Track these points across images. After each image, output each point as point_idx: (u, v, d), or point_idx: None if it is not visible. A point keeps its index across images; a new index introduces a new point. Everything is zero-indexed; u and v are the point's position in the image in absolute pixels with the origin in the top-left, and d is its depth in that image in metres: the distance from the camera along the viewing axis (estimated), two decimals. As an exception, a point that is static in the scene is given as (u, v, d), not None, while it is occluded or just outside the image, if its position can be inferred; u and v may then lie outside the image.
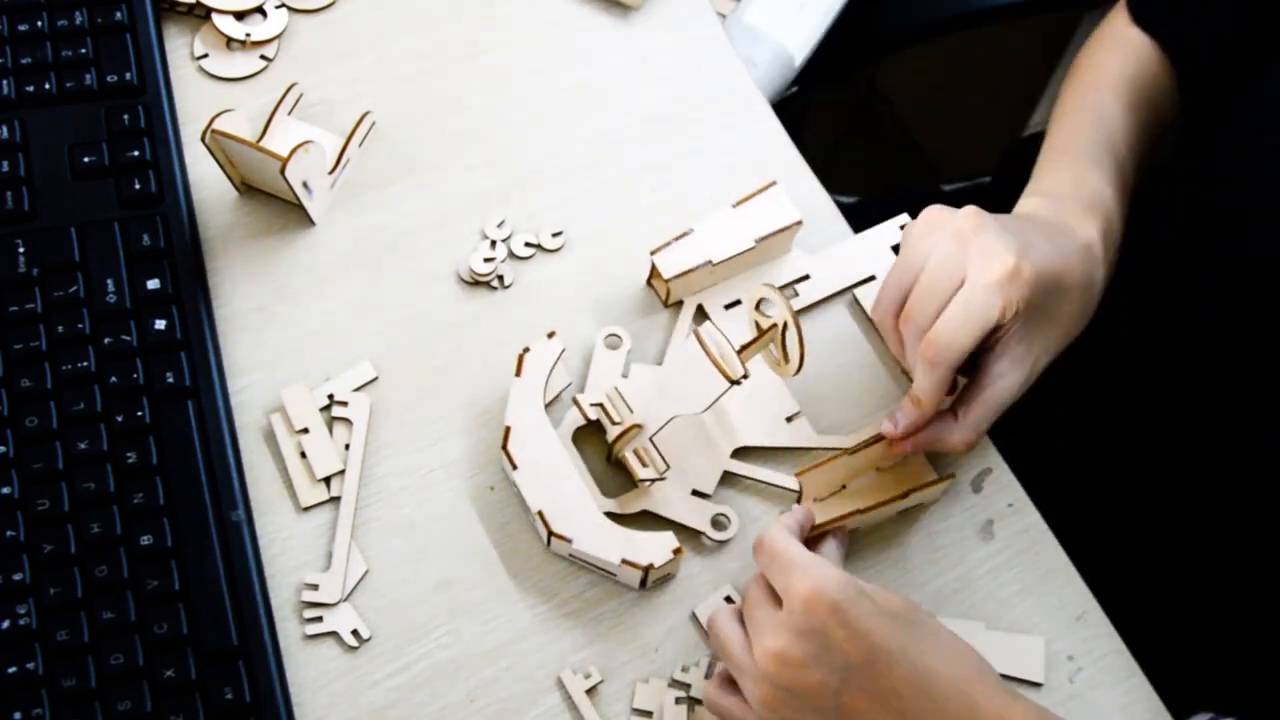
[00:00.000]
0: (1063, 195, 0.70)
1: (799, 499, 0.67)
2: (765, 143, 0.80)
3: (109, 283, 0.69)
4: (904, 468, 0.68)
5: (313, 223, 0.75)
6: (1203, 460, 0.74)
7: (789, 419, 0.70)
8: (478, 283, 0.74)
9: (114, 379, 0.67)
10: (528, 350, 0.68)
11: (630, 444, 0.67)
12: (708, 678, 0.64)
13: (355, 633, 0.64)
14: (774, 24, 0.86)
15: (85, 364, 0.67)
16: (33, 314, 0.68)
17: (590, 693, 0.63)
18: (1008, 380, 0.65)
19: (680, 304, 0.74)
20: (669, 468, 0.66)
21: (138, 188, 0.72)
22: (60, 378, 0.66)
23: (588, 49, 0.82)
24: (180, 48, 0.80)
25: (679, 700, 0.63)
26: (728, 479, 0.69)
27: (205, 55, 0.80)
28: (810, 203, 0.77)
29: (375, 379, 0.71)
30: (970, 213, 0.64)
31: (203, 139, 0.71)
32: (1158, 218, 0.79)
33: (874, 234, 0.76)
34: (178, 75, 0.78)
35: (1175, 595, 0.76)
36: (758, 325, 0.68)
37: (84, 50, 0.76)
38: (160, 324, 0.69)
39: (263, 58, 0.80)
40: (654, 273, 0.72)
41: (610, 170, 0.78)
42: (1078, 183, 0.71)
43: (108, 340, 0.68)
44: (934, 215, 0.65)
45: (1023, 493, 0.70)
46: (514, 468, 0.65)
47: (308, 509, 0.67)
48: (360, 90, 0.79)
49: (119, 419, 0.66)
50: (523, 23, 0.83)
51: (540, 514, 0.64)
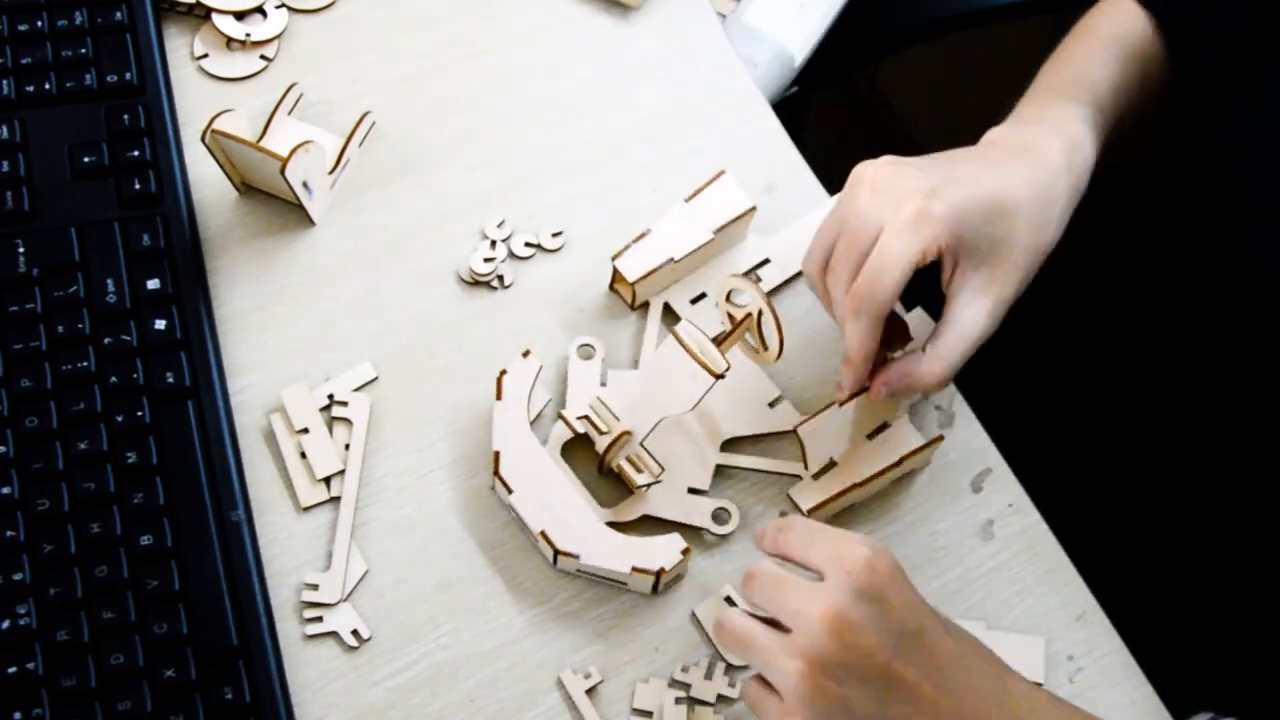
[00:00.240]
0: (1025, 121, 0.70)
1: (803, 456, 0.67)
2: (765, 143, 0.80)
3: (109, 283, 0.69)
4: (893, 436, 0.68)
5: (313, 223, 0.75)
6: (1203, 460, 0.74)
7: (771, 404, 0.70)
8: (478, 283, 0.74)
9: (114, 379, 0.67)
10: (505, 372, 0.68)
11: (622, 452, 0.66)
12: (708, 678, 0.64)
13: (355, 633, 0.64)
14: (774, 24, 0.86)
15: (85, 364, 0.67)
16: (33, 314, 0.68)
17: (590, 693, 0.63)
18: (972, 309, 0.64)
19: (646, 305, 0.73)
20: (664, 470, 0.66)
21: (138, 188, 0.72)
22: (60, 378, 0.66)
23: (588, 49, 0.82)
24: (180, 48, 0.80)
25: (679, 700, 0.63)
26: (720, 473, 0.69)
27: (205, 55, 0.80)
28: (810, 203, 0.77)
29: (375, 379, 0.71)
30: (885, 161, 0.63)
31: (203, 139, 0.71)
32: (1158, 217, 0.79)
33: (826, 209, 0.75)
34: (178, 75, 0.78)
35: (1175, 595, 0.76)
36: (731, 316, 0.68)
37: (84, 50, 0.76)
38: (160, 324, 0.69)
39: (263, 58, 0.80)
40: (617, 277, 0.72)
41: (610, 170, 0.78)
42: (1044, 113, 0.70)
43: (108, 340, 0.68)
44: (858, 170, 0.64)
45: (1023, 493, 0.70)
46: (509, 492, 0.65)
47: (308, 509, 0.67)
48: (360, 90, 0.79)
49: (119, 419, 0.66)
50: (523, 23, 0.83)
51: (544, 534, 0.64)
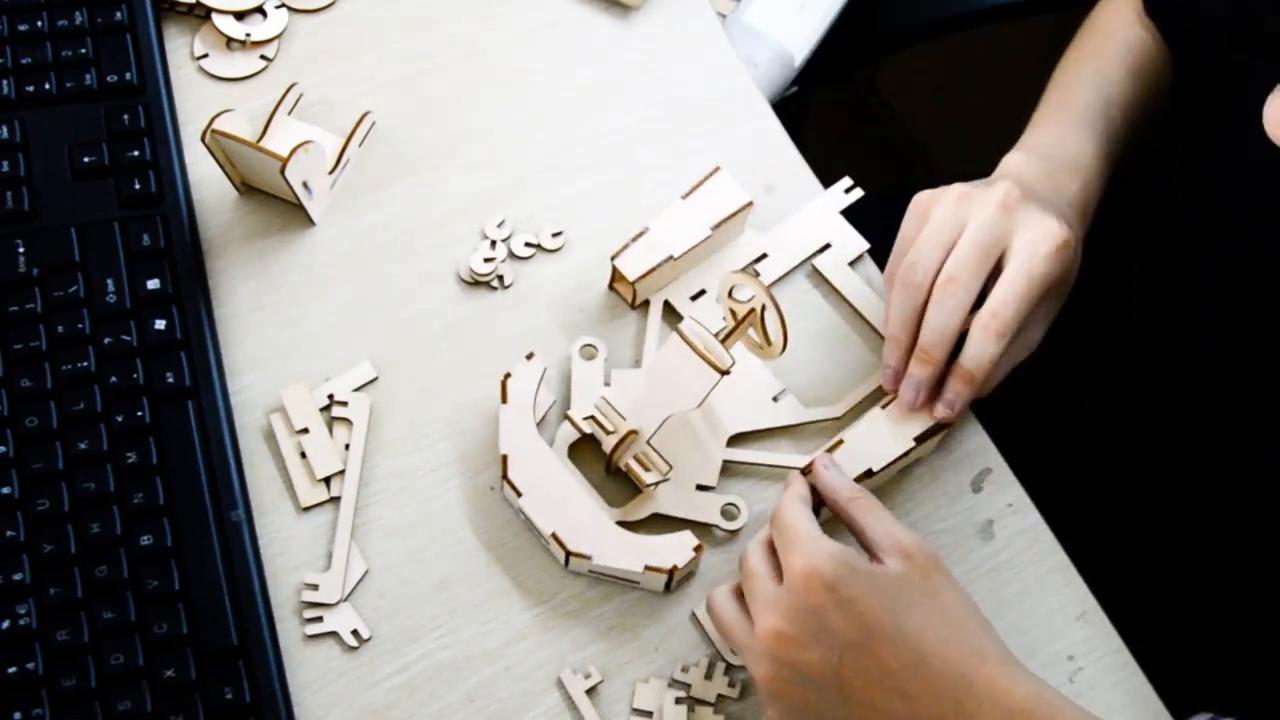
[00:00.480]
0: (1048, 155, 0.71)
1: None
2: (765, 143, 0.80)
3: (109, 283, 0.69)
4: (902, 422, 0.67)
5: (313, 223, 0.75)
6: (1202, 460, 0.74)
7: (775, 398, 0.71)
8: (478, 283, 0.74)
9: (114, 379, 0.67)
10: (509, 375, 0.68)
11: (629, 451, 0.66)
12: (708, 678, 0.64)
13: (355, 633, 0.64)
14: (774, 24, 0.86)
15: (85, 364, 0.67)
16: (33, 314, 0.68)
17: (590, 693, 0.63)
18: (1034, 333, 0.67)
19: (646, 304, 0.73)
20: (671, 468, 0.66)
21: (138, 188, 0.72)
22: (60, 378, 0.66)
23: (588, 49, 0.82)
24: (180, 48, 0.80)
25: (679, 700, 0.63)
26: (727, 469, 0.69)
27: (205, 55, 0.80)
28: (809, 202, 0.77)
29: (375, 379, 0.71)
30: (1011, 184, 0.66)
31: (203, 139, 0.71)
32: (1159, 218, 0.79)
33: (821, 202, 0.76)
34: (178, 75, 0.78)
35: (1175, 595, 0.76)
36: (733, 312, 0.68)
37: (84, 50, 0.76)
38: (160, 324, 0.69)
39: (263, 58, 0.80)
40: (616, 276, 0.72)
41: (610, 170, 0.78)
42: (1063, 144, 0.72)
43: (108, 340, 0.68)
44: (964, 188, 0.67)
45: (1023, 493, 0.70)
46: (519, 495, 0.65)
47: (308, 509, 0.67)
48: (360, 90, 0.79)
49: (119, 419, 0.66)
50: (523, 23, 0.83)
51: (554, 536, 0.64)
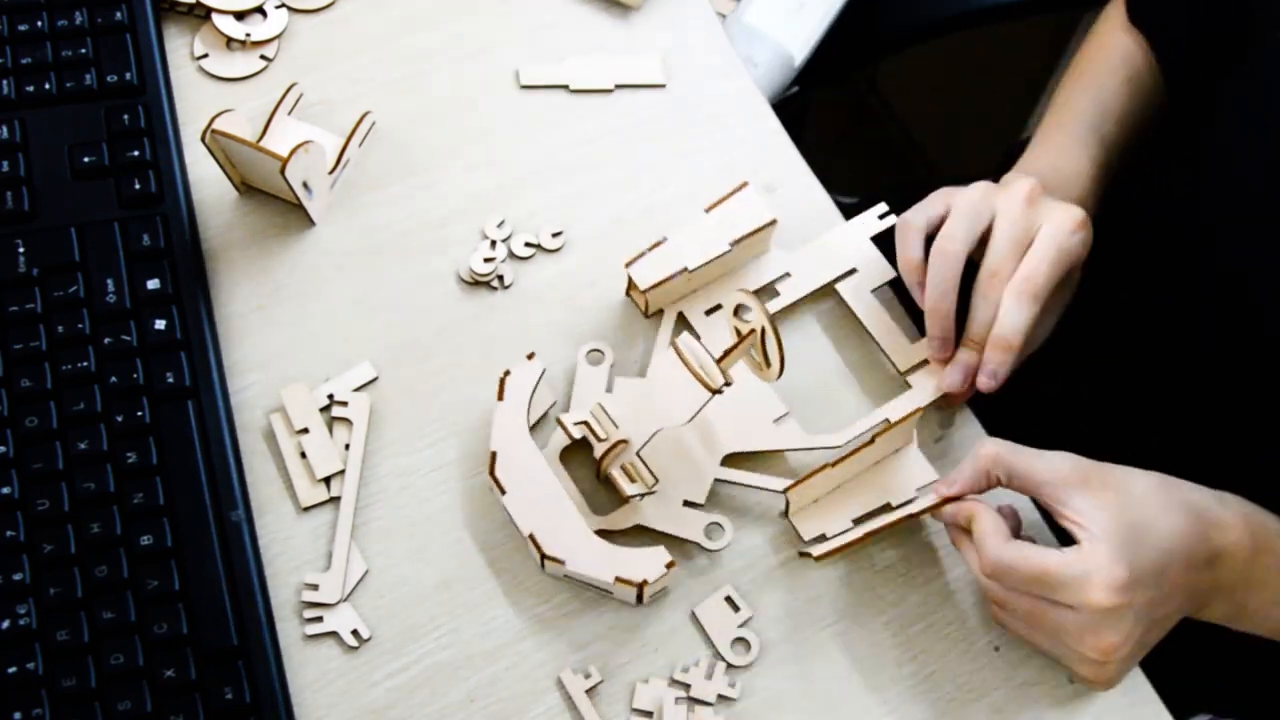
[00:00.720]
0: (1043, 174, 0.73)
1: (785, 511, 0.67)
2: (765, 143, 0.80)
3: (109, 283, 0.69)
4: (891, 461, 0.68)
5: (313, 223, 0.75)
6: (1201, 460, 0.74)
7: (776, 421, 0.70)
8: (478, 283, 0.74)
9: (114, 379, 0.67)
10: (508, 373, 0.68)
11: (617, 460, 0.66)
12: (708, 678, 0.63)
13: (355, 633, 0.64)
14: (774, 24, 0.86)
15: (85, 364, 0.67)
16: (33, 314, 0.68)
17: (590, 693, 0.63)
18: (1043, 328, 0.68)
19: (661, 313, 0.73)
20: (657, 481, 0.66)
21: (138, 188, 0.72)
22: (60, 378, 0.66)
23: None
24: (180, 48, 0.80)
25: (679, 700, 0.63)
26: (720, 488, 0.68)
27: (205, 55, 0.80)
28: (810, 203, 0.77)
29: (375, 379, 0.71)
30: (1033, 180, 0.68)
31: (203, 139, 0.71)
32: (1155, 216, 0.79)
33: (851, 226, 0.75)
34: (178, 75, 0.78)
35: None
36: (738, 331, 0.67)
37: (84, 50, 0.76)
38: (160, 324, 0.69)
39: (263, 58, 0.80)
40: (631, 284, 0.72)
41: (610, 170, 0.78)
42: (1058, 166, 0.75)
43: (108, 340, 0.68)
44: (988, 186, 0.69)
45: (1023, 493, 0.70)
46: (502, 492, 0.65)
47: (308, 509, 0.67)
48: (360, 90, 0.79)
49: (119, 419, 0.66)
50: (523, 22, 0.83)
51: (532, 537, 0.64)
